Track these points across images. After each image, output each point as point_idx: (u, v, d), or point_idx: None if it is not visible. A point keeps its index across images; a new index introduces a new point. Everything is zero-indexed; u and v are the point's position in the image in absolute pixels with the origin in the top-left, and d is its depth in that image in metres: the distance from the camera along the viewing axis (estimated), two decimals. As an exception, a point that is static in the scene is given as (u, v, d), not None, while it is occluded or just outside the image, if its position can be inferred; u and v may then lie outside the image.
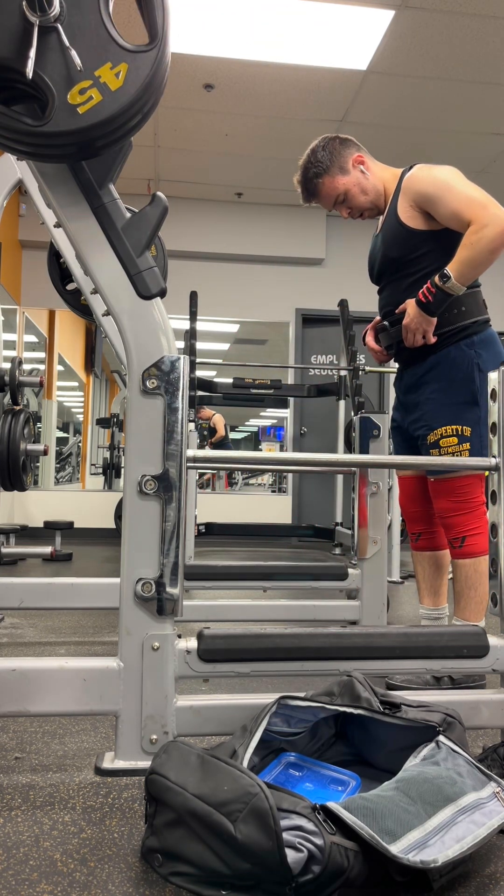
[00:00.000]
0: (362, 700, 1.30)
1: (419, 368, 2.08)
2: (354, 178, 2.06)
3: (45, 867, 1.05)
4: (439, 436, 2.02)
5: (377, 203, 2.11)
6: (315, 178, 2.06)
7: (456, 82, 4.51)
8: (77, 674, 1.36)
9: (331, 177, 2.06)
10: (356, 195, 2.07)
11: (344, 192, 2.06)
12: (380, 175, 2.10)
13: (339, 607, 2.44)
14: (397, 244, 2.04)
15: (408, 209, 2.00)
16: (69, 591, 2.32)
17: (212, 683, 1.96)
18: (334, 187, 2.06)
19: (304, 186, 2.09)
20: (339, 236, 6.57)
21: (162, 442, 1.39)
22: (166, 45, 1.22)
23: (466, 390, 2.00)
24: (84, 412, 7.34)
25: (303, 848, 0.93)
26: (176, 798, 1.02)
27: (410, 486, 2.22)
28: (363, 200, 2.08)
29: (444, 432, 2.01)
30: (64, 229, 1.39)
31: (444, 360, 2.02)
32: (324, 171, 2.05)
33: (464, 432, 2.00)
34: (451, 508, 2.02)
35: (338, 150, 2.05)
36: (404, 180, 2.03)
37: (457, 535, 2.01)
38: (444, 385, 2.02)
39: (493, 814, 1.08)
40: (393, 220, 2.04)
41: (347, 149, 2.07)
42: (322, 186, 2.07)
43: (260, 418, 7.53)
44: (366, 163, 2.08)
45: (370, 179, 2.08)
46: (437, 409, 2.03)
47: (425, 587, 2.22)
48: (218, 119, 5.02)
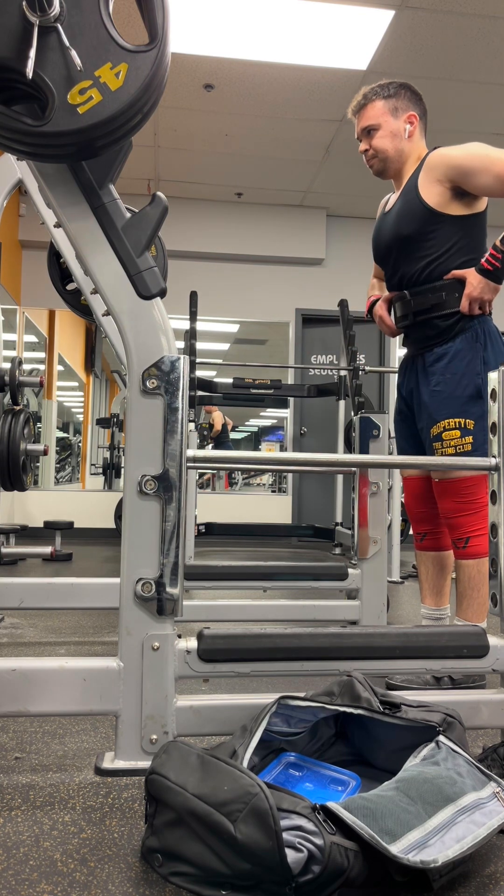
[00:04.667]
0: (362, 700, 1.30)
1: (424, 359, 2.09)
2: (395, 126, 2.11)
3: (45, 867, 1.05)
4: (442, 428, 2.03)
5: (393, 162, 2.13)
6: (374, 96, 2.12)
7: (456, 82, 4.51)
8: (77, 674, 1.36)
9: (383, 106, 2.11)
10: (384, 136, 2.11)
11: (378, 126, 2.11)
12: (415, 147, 2.13)
13: (339, 607, 2.44)
14: (414, 221, 2.05)
15: (433, 186, 2.01)
16: (69, 591, 2.32)
17: (212, 683, 1.97)
18: (376, 115, 2.11)
19: (363, 95, 2.15)
20: (339, 236, 6.57)
21: (162, 442, 1.39)
22: (166, 45, 1.22)
23: (471, 383, 2.00)
24: (84, 412, 7.35)
25: (303, 848, 0.93)
26: (176, 798, 1.02)
27: (417, 486, 2.22)
28: (386, 145, 2.11)
29: (448, 425, 2.02)
30: (64, 229, 1.39)
31: (450, 351, 2.04)
32: (384, 97, 2.11)
33: (467, 425, 2.00)
34: (455, 509, 2.02)
35: (404, 97, 2.12)
36: (428, 159, 2.05)
37: (461, 535, 2.02)
38: (449, 377, 2.03)
39: (493, 814, 1.08)
40: (412, 198, 2.05)
41: (413, 103, 2.13)
42: (372, 106, 2.12)
43: (260, 418, 7.53)
44: (414, 125, 2.12)
45: (404, 140, 2.11)
46: (441, 402, 2.04)
47: (428, 587, 2.22)
48: (218, 119, 5.02)
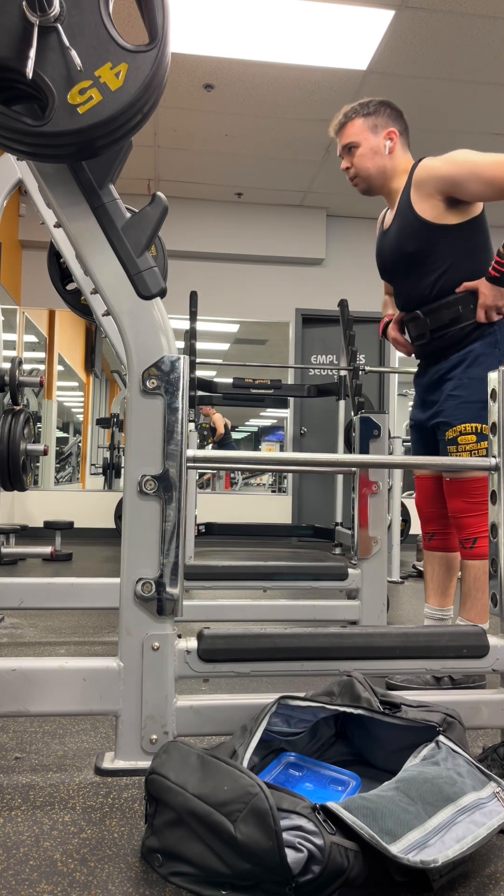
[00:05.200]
0: (362, 700, 1.30)
1: (443, 365, 2.10)
2: (375, 143, 2.11)
3: (45, 867, 1.05)
4: (458, 433, 2.04)
5: (376, 178, 2.13)
6: (353, 115, 2.14)
7: (456, 82, 4.51)
8: (77, 674, 1.36)
9: (363, 124, 2.12)
10: (364, 154, 2.12)
11: (358, 143, 2.12)
12: (398, 162, 2.13)
13: (339, 607, 2.44)
14: (414, 238, 2.05)
15: (425, 200, 2.02)
16: (69, 591, 2.32)
17: (212, 683, 1.97)
18: (356, 133, 2.12)
19: (343, 114, 2.17)
20: (339, 236, 6.57)
21: (162, 442, 1.39)
22: (166, 45, 1.22)
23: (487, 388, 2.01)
24: (84, 412, 7.35)
25: (303, 848, 0.93)
26: (176, 798, 1.02)
27: (428, 486, 2.23)
28: (367, 164, 2.12)
29: (464, 430, 2.03)
30: (64, 229, 1.39)
31: (467, 357, 2.05)
32: (363, 115, 2.13)
33: (483, 430, 2.01)
34: (464, 509, 2.03)
35: (384, 114, 2.13)
36: (415, 173, 2.04)
37: (469, 535, 2.02)
38: (467, 382, 2.04)
39: (493, 814, 1.08)
40: (408, 214, 2.05)
41: (393, 120, 2.13)
42: (352, 124, 2.14)
43: (260, 418, 7.53)
44: (395, 141, 2.12)
45: (386, 157, 2.12)
46: (458, 406, 2.05)
47: (433, 587, 2.23)
48: (218, 119, 5.02)
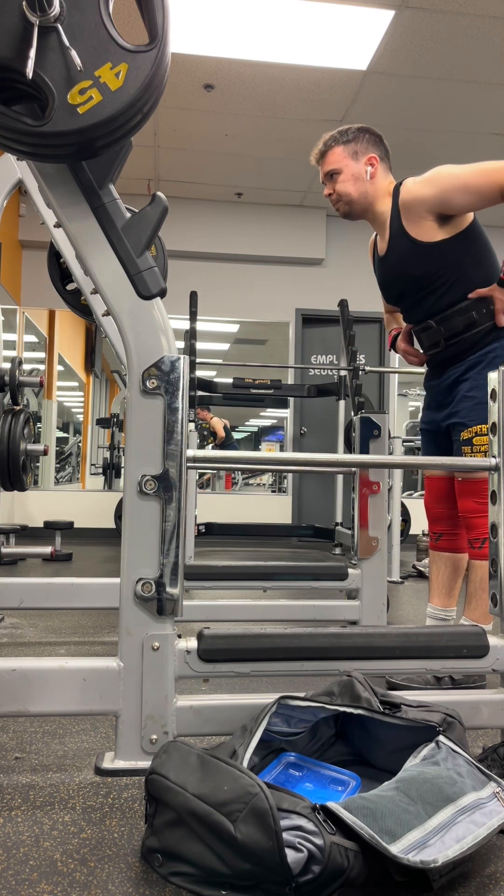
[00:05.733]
0: (362, 700, 1.30)
1: (459, 368, 2.11)
2: (356, 169, 2.15)
3: (45, 867, 1.05)
4: (473, 433, 2.05)
5: (358, 203, 2.17)
6: (333, 143, 2.18)
7: (456, 82, 4.51)
8: (77, 674, 1.36)
9: (343, 151, 2.16)
10: (346, 180, 2.16)
11: (339, 170, 2.16)
12: (380, 187, 2.16)
13: (339, 607, 2.44)
14: (417, 262, 2.08)
15: (417, 223, 2.04)
16: (69, 591, 2.32)
17: (212, 683, 1.96)
18: (337, 160, 2.16)
19: (323, 143, 2.21)
20: (339, 236, 6.57)
21: (162, 442, 1.39)
22: (166, 45, 1.22)
23: None
24: (84, 412, 7.35)
25: (303, 848, 0.93)
26: (176, 798, 1.02)
27: (438, 487, 2.23)
28: (349, 189, 2.15)
29: (479, 430, 2.03)
30: (64, 229, 1.39)
31: (483, 359, 2.06)
32: (343, 143, 2.17)
33: None
34: (475, 509, 2.03)
35: (364, 140, 2.16)
36: (401, 198, 2.07)
37: (478, 535, 2.02)
38: (483, 383, 2.03)
39: (493, 814, 1.08)
40: (404, 241, 2.08)
41: (373, 145, 2.17)
42: (332, 152, 2.18)
43: (260, 418, 7.54)
44: (375, 167, 2.15)
45: (367, 182, 2.15)
46: (472, 408, 2.05)
47: (438, 587, 2.23)
48: (218, 119, 5.02)
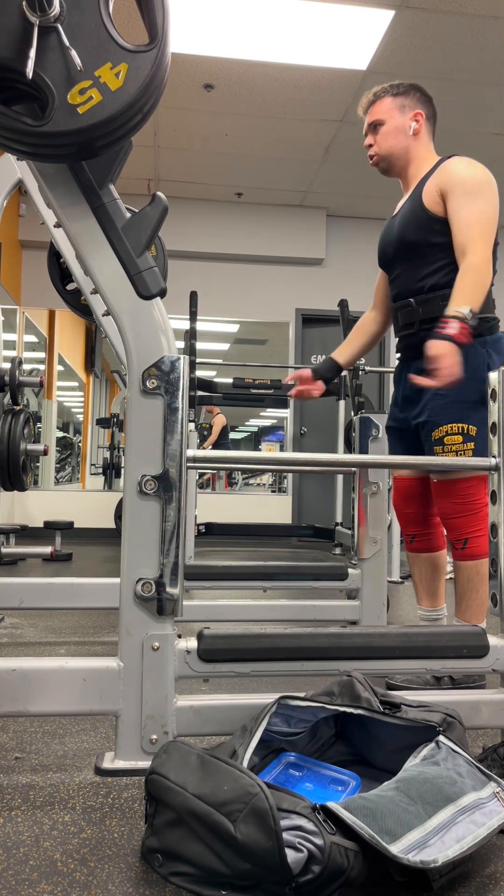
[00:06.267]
0: (362, 700, 1.30)
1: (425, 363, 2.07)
2: (401, 121, 2.13)
3: (45, 867, 1.05)
4: (444, 433, 2.02)
5: (397, 159, 2.14)
6: (383, 94, 2.15)
7: (456, 82, 4.51)
8: (77, 674, 1.36)
9: (391, 103, 2.14)
10: (389, 132, 2.13)
11: (383, 121, 2.13)
12: (421, 146, 2.14)
13: (339, 607, 2.44)
14: (417, 227, 2.05)
15: (434, 194, 2.02)
16: (69, 591, 2.32)
17: (212, 683, 1.96)
18: (383, 111, 2.14)
19: (373, 93, 2.18)
20: (339, 236, 6.57)
21: (162, 442, 1.39)
22: (166, 45, 1.22)
23: (475, 389, 1.97)
24: (84, 412, 7.35)
25: (303, 848, 0.93)
26: (176, 798, 1.02)
27: (406, 486, 2.21)
28: (391, 142, 2.13)
29: (450, 430, 2.01)
30: (64, 229, 1.39)
31: None
32: (393, 94, 2.14)
33: (469, 431, 1.99)
34: (453, 510, 2.02)
35: (413, 96, 2.14)
36: (441, 166, 2.05)
37: (459, 536, 2.01)
38: None
39: (493, 814, 1.08)
40: (416, 203, 2.06)
41: (422, 103, 2.15)
42: (381, 102, 2.15)
43: (260, 418, 7.53)
44: (420, 124, 2.13)
45: (410, 138, 2.13)
46: (444, 406, 2.02)
47: (423, 588, 2.22)
48: (218, 119, 5.02)
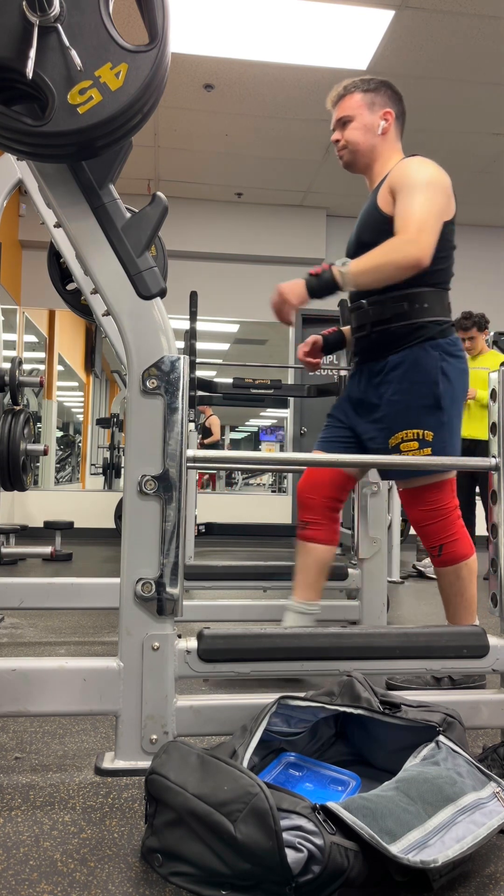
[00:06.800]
0: (362, 700, 1.30)
1: (379, 366, 2.02)
2: (370, 120, 2.07)
3: (45, 867, 1.05)
4: (399, 440, 1.96)
5: (362, 156, 2.09)
6: (353, 89, 2.10)
7: (456, 82, 4.51)
8: (77, 674, 1.36)
9: (361, 99, 2.08)
10: (357, 128, 2.07)
11: (352, 117, 2.08)
12: (387, 145, 2.08)
13: (339, 607, 2.44)
14: (370, 228, 2.01)
15: (386, 193, 1.97)
16: (69, 591, 2.33)
17: (212, 683, 1.97)
18: (352, 107, 2.08)
19: (343, 87, 2.13)
20: (340, 236, 6.57)
21: (162, 442, 1.39)
22: (166, 45, 1.22)
23: (429, 393, 1.93)
24: (84, 412, 7.35)
25: (303, 848, 0.93)
26: (176, 798, 1.02)
27: (318, 474, 2.13)
28: (358, 138, 2.07)
29: (405, 436, 1.95)
30: (64, 229, 1.39)
31: (407, 359, 1.95)
32: (363, 91, 2.09)
33: (425, 436, 1.93)
34: (423, 518, 1.97)
35: (384, 94, 2.09)
36: (396, 165, 2.00)
37: (434, 543, 1.97)
38: (406, 387, 1.95)
39: (493, 814, 1.08)
40: (372, 203, 2.02)
41: (392, 102, 2.09)
42: (350, 97, 2.10)
43: (260, 418, 7.54)
44: (389, 123, 2.08)
45: (377, 137, 2.07)
46: (398, 412, 1.96)
47: (301, 579, 2.12)
48: (218, 119, 5.02)
